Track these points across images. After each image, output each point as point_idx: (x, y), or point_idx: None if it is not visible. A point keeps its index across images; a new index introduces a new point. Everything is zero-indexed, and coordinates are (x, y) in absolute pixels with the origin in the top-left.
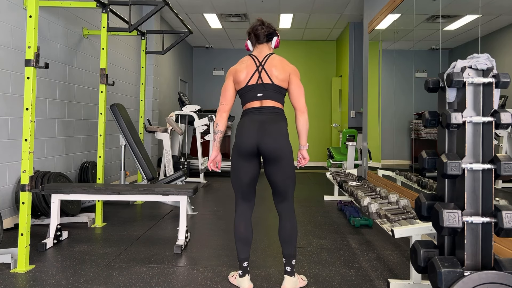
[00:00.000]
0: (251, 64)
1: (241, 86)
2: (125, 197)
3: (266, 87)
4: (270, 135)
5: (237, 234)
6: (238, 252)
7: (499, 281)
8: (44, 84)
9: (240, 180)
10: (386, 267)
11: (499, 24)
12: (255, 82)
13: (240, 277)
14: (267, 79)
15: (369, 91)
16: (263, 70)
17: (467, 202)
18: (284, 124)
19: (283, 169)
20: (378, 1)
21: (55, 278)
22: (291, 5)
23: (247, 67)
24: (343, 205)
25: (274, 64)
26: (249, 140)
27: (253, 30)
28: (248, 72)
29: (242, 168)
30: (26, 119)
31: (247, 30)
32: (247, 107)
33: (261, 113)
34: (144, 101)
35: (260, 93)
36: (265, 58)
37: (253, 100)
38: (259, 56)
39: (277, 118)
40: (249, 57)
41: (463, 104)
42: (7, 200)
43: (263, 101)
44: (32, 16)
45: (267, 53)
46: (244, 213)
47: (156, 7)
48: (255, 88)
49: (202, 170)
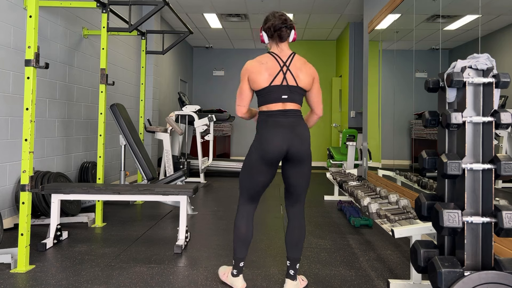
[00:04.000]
0: (274, 64)
1: (261, 86)
2: (125, 197)
3: (291, 89)
4: (300, 138)
5: (238, 234)
6: (236, 252)
7: (499, 281)
8: (44, 84)
9: (255, 184)
10: (386, 267)
11: (499, 24)
12: (279, 83)
13: (234, 276)
14: (292, 81)
15: (369, 91)
16: (288, 71)
17: (467, 202)
18: (307, 127)
19: (306, 172)
20: (378, 1)
21: (55, 278)
22: (291, 5)
23: (269, 68)
24: (343, 205)
25: (299, 67)
26: (279, 145)
27: (276, 29)
28: (271, 73)
29: (262, 173)
30: (26, 119)
31: (267, 25)
32: (269, 109)
33: (287, 116)
34: (144, 101)
35: (284, 95)
36: (289, 58)
37: (276, 102)
38: (281, 55)
39: (302, 122)
40: (270, 56)
41: (463, 104)
42: (7, 200)
43: (286, 104)
44: (32, 16)
45: (290, 53)
46: (248, 213)
47: (156, 7)
48: (279, 90)
49: (202, 170)
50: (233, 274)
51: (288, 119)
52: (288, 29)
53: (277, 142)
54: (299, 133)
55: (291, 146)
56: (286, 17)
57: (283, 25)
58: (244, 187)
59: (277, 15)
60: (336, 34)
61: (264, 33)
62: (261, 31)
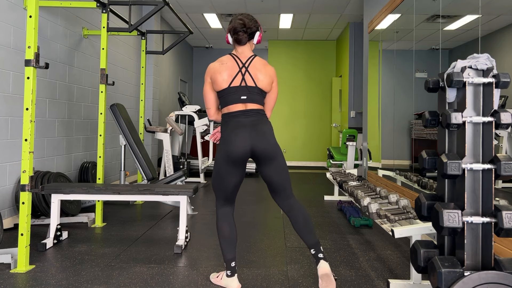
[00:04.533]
0: (233, 65)
1: (222, 87)
2: (125, 197)
3: (250, 89)
4: (263, 136)
5: (223, 235)
6: (224, 253)
7: (499, 281)
8: (44, 84)
9: (226, 186)
10: (386, 267)
11: (499, 24)
12: (238, 84)
13: (228, 277)
14: (251, 82)
15: (369, 91)
16: (246, 72)
17: (467, 202)
18: (270, 124)
19: (280, 167)
20: (378, 1)
21: (55, 278)
22: (291, 5)
23: (228, 68)
24: (343, 205)
25: (258, 68)
26: (242, 145)
27: (234, 32)
28: (230, 74)
29: (230, 174)
30: (26, 119)
31: (228, 27)
32: (229, 110)
33: (248, 115)
34: (144, 101)
35: (244, 95)
36: (249, 60)
37: (236, 103)
38: (241, 56)
39: (264, 120)
40: (230, 57)
41: (463, 104)
42: (7, 200)
43: (247, 104)
44: (32, 16)
45: (250, 55)
46: (227, 214)
47: (156, 7)
48: (238, 91)
49: (202, 170)
50: (228, 275)
51: (248, 119)
52: (246, 33)
53: (240, 142)
54: (261, 131)
55: (254, 145)
56: (245, 21)
57: (241, 29)
58: (218, 190)
59: (238, 17)
60: (336, 34)
61: (228, 34)
62: (227, 32)
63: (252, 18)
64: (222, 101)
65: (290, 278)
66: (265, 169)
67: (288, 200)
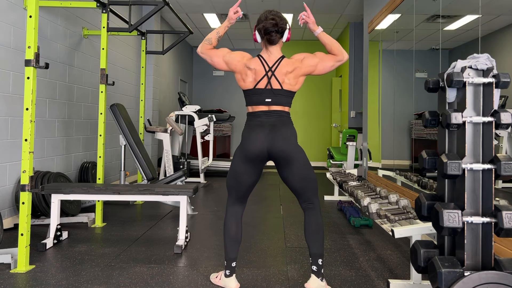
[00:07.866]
0: (260, 69)
1: (247, 87)
2: (125, 197)
3: (275, 92)
4: (281, 137)
5: (228, 234)
6: (227, 252)
7: (499, 281)
8: (44, 84)
9: (240, 184)
10: (386, 267)
11: (499, 24)
12: (263, 86)
13: (226, 277)
14: (276, 85)
15: (369, 91)
16: (273, 76)
17: (467, 202)
18: (292, 126)
19: (299, 170)
20: (378, 1)
21: (55, 278)
22: (291, 5)
23: (255, 73)
24: (343, 205)
25: (285, 72)
26: (258, 145)
27: (266, 33)
28: (256, 77)
29: (246, 173)
30: (26, 119)
31: (258, 26)
32: (253, 110)
33: (269, 116)
34: (144, 101)
35: (268, 98)
36: (276, 63)
37: (260, 104)
38: (268, 60)
39: (285, 121)
40: (257, 60)
41: (463, 104)
42: (7, 200)
43: (271, 106)
44: (32, 16)
45: (278, 57)
46: (237, 213)
47: (156, 7)
48: (263, 93)
49: (202, 170)
50: (226, 274)
51: (270, 119)
52: (279, 33)
53: (256, 141)
54: (280, 132)
55: (271, 146)
56: (277, 20)
57: (273, 30)
58: (231, 187)
59: (269, 17)
60: (336, 34)
61: (257, 33)
62: (255, 30)
63: (281, 16)
64: (247, 100)
65: (290, 278)
66: (283, 171)
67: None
